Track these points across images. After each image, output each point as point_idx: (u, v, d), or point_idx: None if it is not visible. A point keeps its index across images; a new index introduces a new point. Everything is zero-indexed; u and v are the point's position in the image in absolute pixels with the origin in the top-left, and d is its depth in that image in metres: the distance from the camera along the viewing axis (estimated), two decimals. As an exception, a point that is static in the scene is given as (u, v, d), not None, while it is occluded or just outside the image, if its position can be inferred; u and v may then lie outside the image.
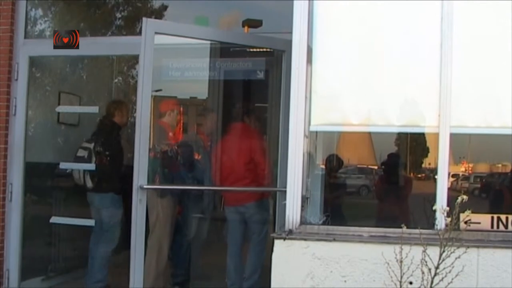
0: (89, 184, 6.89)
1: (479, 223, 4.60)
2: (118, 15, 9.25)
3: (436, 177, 4.68)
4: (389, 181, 7.15)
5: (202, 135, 7.41)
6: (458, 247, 3.93)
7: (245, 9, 7.77)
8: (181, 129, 7.45)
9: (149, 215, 6.36)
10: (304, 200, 4.82)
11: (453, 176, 6.24)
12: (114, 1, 9.22)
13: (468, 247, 4.06)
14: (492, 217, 4.71)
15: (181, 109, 7.50)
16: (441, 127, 4.66)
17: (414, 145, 7.28)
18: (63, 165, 7.00)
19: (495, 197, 7.12)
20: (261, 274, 6.40)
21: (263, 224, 6.59)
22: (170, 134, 6.98)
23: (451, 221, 3.90)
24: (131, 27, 8.98)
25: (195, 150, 7.24)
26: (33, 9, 7.06)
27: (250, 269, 6.56)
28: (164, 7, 8.83)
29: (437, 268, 3.91)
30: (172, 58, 7.14)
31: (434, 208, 4.39)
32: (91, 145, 6.85)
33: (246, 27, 7.66)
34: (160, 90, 7.21)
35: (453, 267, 3.91)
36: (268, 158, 6.64)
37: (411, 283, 4.11)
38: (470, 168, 8.07)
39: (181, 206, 6.98)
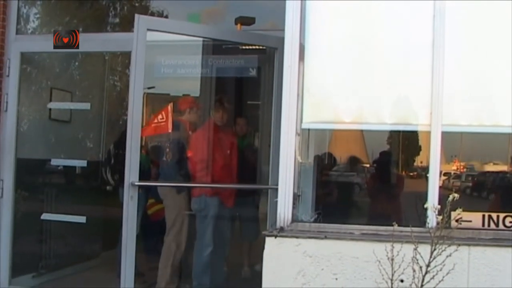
0: (111, 181, 7.20)
1: (470, 221, 4.61)
2: (111, 11, 9.21)
3: (427, 175, 4.68)
4: (381, 179, 7.15)
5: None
6: (449, 245, 3.94)
7: (238, 6, 7.76)
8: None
9: (168, 213, 6.64)
10: (296, 197, 4.83)
11: (444, 174, 6.25)
12: (107, -2, 9.20)
13: (459, 245, 4.06)
14: (483, 215, 4.72)
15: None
16: (433, 125, 4.66)
17: (406, 143, 7.26)
18: (54, 161, 6.99)
19: (486, 195, 7.13)
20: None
21: (200, 222, 6.64)
22: (190, 132, 7.00)
23: (442, 219, 3.91)
24: (124, 24, 8.94)
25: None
26: (25, 5, 7.04)
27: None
28: (158, 4, 8.81)
29: (428, 266, 3.91)
30: (164, 55, 7.12)
31: (425, 206, 4.38)
32: None
33: (239, 25, 7.64)
34: (153, 87, 7.21)
35: (444, 265, 3.92)
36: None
37: (402, 281, 4.11)
38: (462, 167, 8.08)
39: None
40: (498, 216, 4.70)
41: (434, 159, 4.65)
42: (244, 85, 7.62)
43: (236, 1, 7.89)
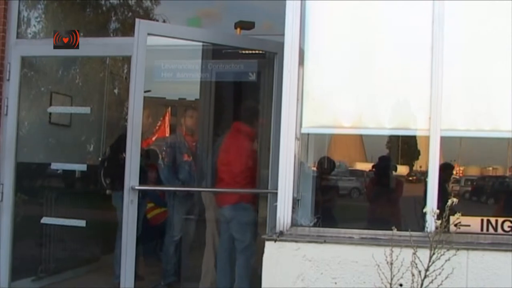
0: (104, 184, 7.21)
1: (469, 225, 4.63)
2: (111, 16, 9.24)
3: (427, 180, 4.69)
4: (380, 183, 7.15)
5: (187, 136, 7.38)
6: (448, 250, 3.95)
7: (237, 11, 7.78)
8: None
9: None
10: (295, 202, 4.83)
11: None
12: (107, 2, 9.20)
13: (458, 249, 4.06)
14: (482, 220, 4.73)
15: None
16: (432, 130, 4.67)
17: (405, 147, 7.28)
18: (54, 166, 7.00)
19: (485, 200, 7.14)
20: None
21: (245, 230, 6.47)
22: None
23: (441, 224, 3.91)
24: (125, 28, 8.97)
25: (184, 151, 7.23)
26: (26, 9, 7.04)
27: (236, 281, 6.39)
28: (157, 8, 8.83)
29: (427, 270, 3.92)
30: (164, 59, 7.14)
31: (424, 210, 4.40)
32: None
33: (238, 29, 7.66)
34: (149, 91, 7.22)
35: (443, 269, 3.93)
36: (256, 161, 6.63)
37: (401, 285, 4.12)
38: (460, 171, 8.08)
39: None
40: (496, 221, 4.71)
41: (433, 164, 4.66)
42: (244, 89, 7.62)
43: (235, 1, 7.92)
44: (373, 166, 7.43)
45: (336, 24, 5.05)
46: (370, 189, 7.56)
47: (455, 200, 3.91)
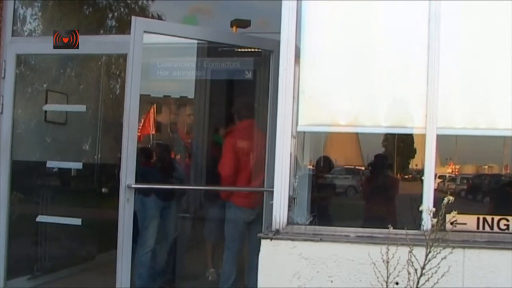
0: None
1: (465, 224, 4.63)
2: (108, 14, 9.21)
3: (423, 178, 4.69)
4: (376, 182, 7.15)
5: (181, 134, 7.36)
6: (444, 248, 3.95)
7: (233, 9, 7.77)
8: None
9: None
10: (291, 200, 4.83)
11: (439, 177, 6.25)
12: (104, 0, 9.18)
13: (454, 247, 4.06)
14: (478, 218, 4.73)
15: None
16: (428, 128, 4.67)
17: (401, 146, 7.27)
18: (50, 164, 6.99)
19: (481, 198, 7.14)
20: None
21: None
22: None
23: (437, 222, 3.91)
24: (122, 26, 8.95)
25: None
26: (22, 7, 7.03)
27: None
28: (154, 6, 8.81)
29: (423, 268, 3.92)
30: (159, 57, 7.12)
31: (420, 209, 4.40)
32: None
33: (234, 27, 7.65)
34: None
35: (439, 267, 3.93)
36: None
37: (397, 283, 4.12)
38: (456, 170, 8.08)
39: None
40: (492, 219, 4.71)
41: (429, 162, 4.66)
42: (240, 87, 7.61)
43: (231, 1, 7.92)
44: (369, 165, 7.44)
45: (332, 23, 5.06)
46: (366, 188, 7.56)
47: (451, 198, 3.91)
